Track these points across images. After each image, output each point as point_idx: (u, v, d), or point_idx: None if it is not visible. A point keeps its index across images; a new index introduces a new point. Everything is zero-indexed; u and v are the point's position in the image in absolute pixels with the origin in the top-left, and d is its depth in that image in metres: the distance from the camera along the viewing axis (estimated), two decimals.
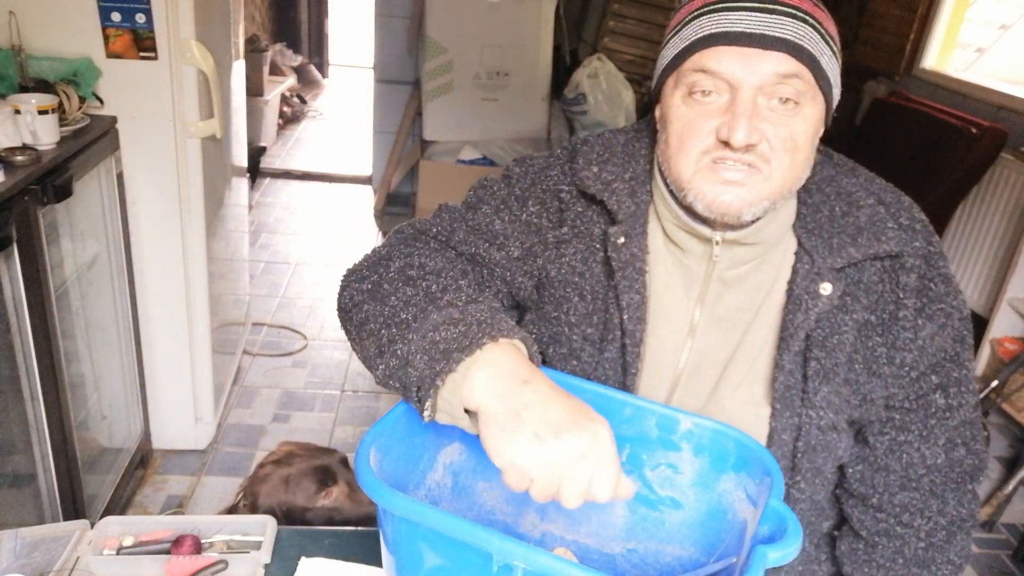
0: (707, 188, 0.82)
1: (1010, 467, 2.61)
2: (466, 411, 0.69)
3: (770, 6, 0.78)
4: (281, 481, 1.39)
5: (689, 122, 0.82)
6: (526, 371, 0.68)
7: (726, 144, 0.79)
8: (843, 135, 3.80)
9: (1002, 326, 2.87)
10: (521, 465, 0.64)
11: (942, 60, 3.65)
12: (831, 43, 0.81)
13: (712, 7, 0.80)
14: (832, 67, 0.81)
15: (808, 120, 0.81)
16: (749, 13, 0.78)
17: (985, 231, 3.05)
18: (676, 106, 0.83)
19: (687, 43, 0.81)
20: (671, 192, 0.88)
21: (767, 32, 0.77)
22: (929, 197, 3.06)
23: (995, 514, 2.41)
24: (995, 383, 2.62)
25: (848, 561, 0.98)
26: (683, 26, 0.82)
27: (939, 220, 3.16)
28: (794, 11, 0.78)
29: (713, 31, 0.79)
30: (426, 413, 0.69)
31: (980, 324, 2.92)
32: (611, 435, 0.66)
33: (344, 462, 1.48)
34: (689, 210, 0.86)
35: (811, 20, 0.79)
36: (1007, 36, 3.70)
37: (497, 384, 0.67)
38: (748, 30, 0.77)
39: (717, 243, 0.87)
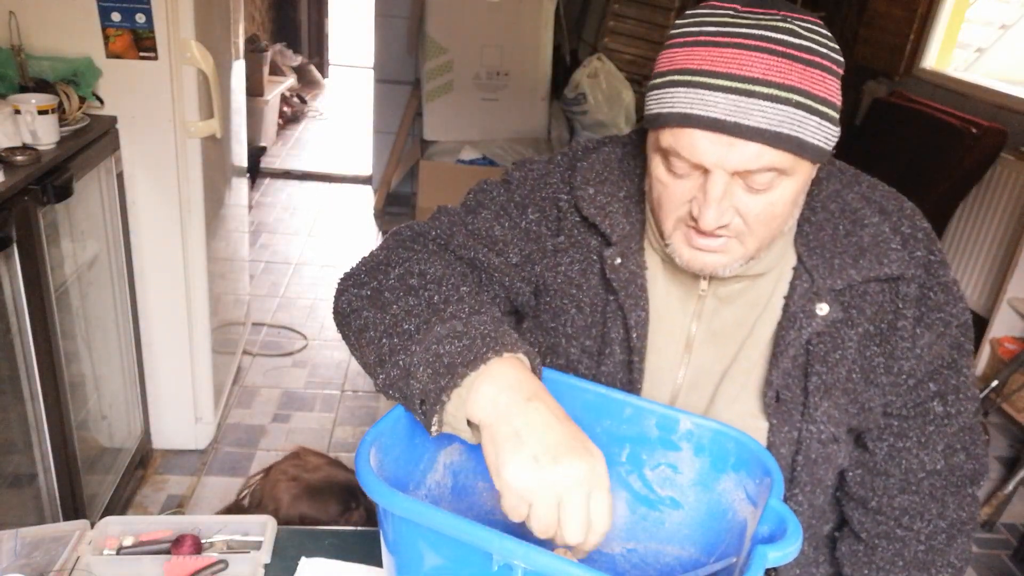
0: (683, 249, 0.82)
1: (1010, 467, 2.60)
2: (468, 423, 0.69)
3: (748, 86, 0.71)
4: (302, 491, 1.37)
5: (666, 187, 0.80)
6: (530, 387, 0.68)
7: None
8: (843, 135, 3.80)
9: (1002, 326, 2.88)
10: (518, 488, 0.64)
11: (942, 60, 3.65)
12: (821, 107, 0.74)
13: (690, 77, 0.74)
14: (821, 132, 0.75)
15: (789, 188, 0.77)
16: (726, 95, 0.72)
17: (985, 231, 3.05)
18: (656, 164, 0.81)
19: (663, 112, 0.76)
20: None
21: (741, 121, 0.71)
22: (929, 197, 3.06)
23: (995, 514, 2.41)
24: (995, 383, 2.62)
25: (848, 563, 0.98)
26: (663, 83, 0.77)
27: (939, 220, 3.16)
28: (775, 91, 0.71)
29: (687, 112, 0.74)
30: (433, 428, 0.69)
31: (980, 324, 2.92)
32: (605, 467, 0.67)
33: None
34: None
35: (795, 97, 0.72)
36: (1007, 36, 3.70)
37: (501, 399, 0.67)
38: (723, 117, 0.72)
39: (704, 281, 0.89)
